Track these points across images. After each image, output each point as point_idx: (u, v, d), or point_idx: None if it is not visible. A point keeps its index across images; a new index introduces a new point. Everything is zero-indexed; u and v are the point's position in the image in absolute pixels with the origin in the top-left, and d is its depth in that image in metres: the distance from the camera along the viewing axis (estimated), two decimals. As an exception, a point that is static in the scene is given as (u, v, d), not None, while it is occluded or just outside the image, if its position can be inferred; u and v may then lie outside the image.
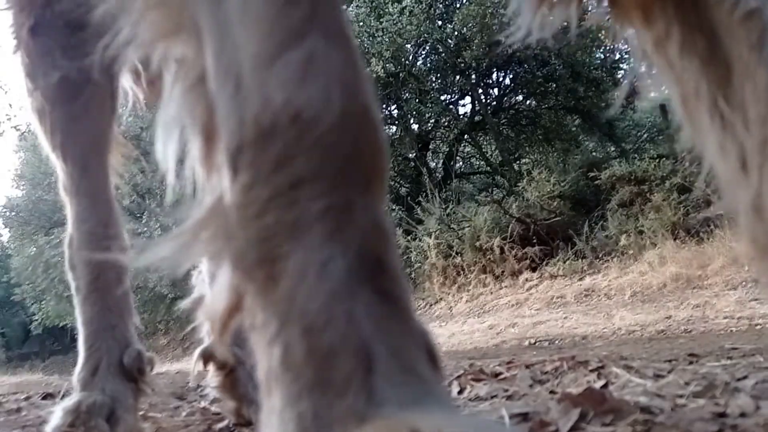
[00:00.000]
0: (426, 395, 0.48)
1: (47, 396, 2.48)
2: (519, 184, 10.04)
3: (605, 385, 1.40)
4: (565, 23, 1.06)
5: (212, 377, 1.40)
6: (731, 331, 3.98)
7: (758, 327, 3.92)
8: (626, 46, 1.00)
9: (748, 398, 1.07)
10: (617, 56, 11.32)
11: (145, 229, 11.50)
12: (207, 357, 1.39)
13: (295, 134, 0.54)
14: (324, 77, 0.57)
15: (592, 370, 1.59)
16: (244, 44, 0.55)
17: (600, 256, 8.14)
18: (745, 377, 1.31)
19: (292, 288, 0.51)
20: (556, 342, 4.67)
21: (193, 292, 1.41)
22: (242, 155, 0.54)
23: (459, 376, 1.69)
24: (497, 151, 12.72)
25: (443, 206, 9.89)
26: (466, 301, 8.29)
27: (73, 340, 1.51)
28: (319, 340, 0.49)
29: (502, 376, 1.69)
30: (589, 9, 1.02)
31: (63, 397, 2.16)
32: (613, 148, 11.90)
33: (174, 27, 0.62)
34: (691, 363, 1.74)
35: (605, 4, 0.95)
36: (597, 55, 11.45)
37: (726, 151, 0.78)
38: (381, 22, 10.31)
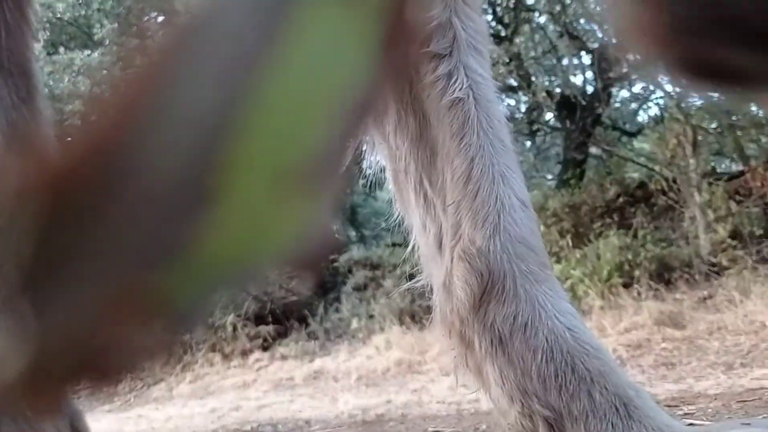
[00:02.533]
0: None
1: None
2: (260, 261, 10.01)
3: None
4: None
5: None
6: (441, 415, 4.25)
7: (464, 411, 4.24)
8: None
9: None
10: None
11: None
12: None
13: None
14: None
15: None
16: None
17: (332, 338, 8.33)
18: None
19: None
20: (279, 426, 4.56)
21: None
22: None
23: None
24: (242, 226, 12.65)
25: (178, 279, 9.40)
26: (190, 381, 7.78)
27: None
28: None
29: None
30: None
31: None
32: (354, 233, 12.56)
33: None
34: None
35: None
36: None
37: (427, 229, 0.80)
38: None
